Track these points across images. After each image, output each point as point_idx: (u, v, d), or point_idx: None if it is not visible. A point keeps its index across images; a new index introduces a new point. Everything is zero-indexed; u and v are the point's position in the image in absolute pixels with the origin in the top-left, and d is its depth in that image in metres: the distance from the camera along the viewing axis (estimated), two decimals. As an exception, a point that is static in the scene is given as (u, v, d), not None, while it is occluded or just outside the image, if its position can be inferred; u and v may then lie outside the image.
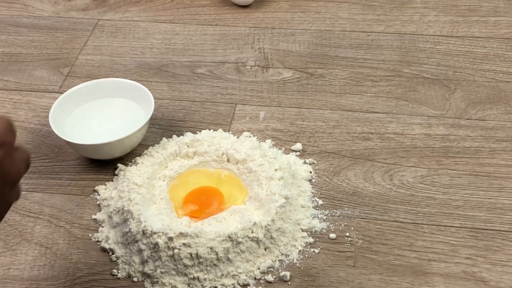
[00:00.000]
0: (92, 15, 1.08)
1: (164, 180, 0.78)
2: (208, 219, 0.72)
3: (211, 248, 0.68)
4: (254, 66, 0.97)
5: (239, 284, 0.69)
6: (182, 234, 0.69)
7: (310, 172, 0.80)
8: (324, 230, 0.74)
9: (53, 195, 0.80)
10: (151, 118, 0.81)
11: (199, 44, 1.02)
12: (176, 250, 0.68)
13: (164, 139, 0.83)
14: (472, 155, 0.82)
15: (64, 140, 0.79)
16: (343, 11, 1.07)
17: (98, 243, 0.74)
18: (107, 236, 0.74)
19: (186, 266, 0.68)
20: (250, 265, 0.70)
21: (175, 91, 0.94)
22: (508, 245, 0.71)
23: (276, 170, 0.77)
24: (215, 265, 0.69)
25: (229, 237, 0.69)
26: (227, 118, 0.88)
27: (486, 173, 0.79)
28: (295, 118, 0.88)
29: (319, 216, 0.75)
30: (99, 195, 0.79)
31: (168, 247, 0.69)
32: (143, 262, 0.70)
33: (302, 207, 0.75)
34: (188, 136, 0.82)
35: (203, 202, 0.75)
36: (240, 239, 0.69)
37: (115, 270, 0.71)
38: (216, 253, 0.68)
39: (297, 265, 0.70)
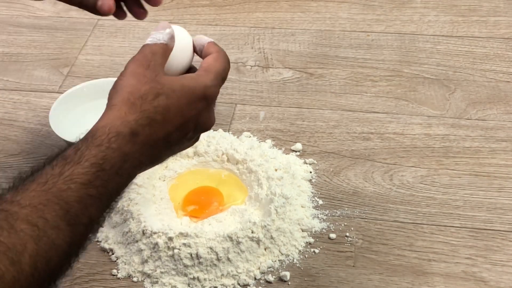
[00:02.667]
0: (92, 15, 1.08)
1: (164, 180, 0.78)
2: (208, 219, 0.72)
3: (211, 248, 0.68)
4: (254, 66, 0.97)
5: (239, 284, 0.69)
6: (182, 234, 0.69)
7: (310, 172, 0.80)
8: (324, 230, 0.74)
9: (53, 195, 0.79)
10: (151, 118, 0.81)
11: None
12: (176, 250, 0.68)
13: (164, 139, 0.83)
14: (472, 155, 0.82)
15: (64, 140, 0.79)
16: (343, 11, 1.07)
17: (98, 243, 0.74)
18: (107, 236, 0.74)
19: (186, 266, 0.68)
20: (250, 265, 0.70)
21: (175, 91, 0.93)
22: (508, 245, 0.71)
23: (276, 170, 0.77)
24: (215, 265, 0.69)
25: (229, 237, 0.69)
26: (227, 118, 0.88)
27: (486, 173, 0.79)
28: (295, 118, 0.88)
29: (319, 216, 0.75)
30: (99, 195, 0.79)
31: (168, 247, 0.69)
32: (143, 262, 0.70)
33: (302, 207, 0.75)
34: (188, 136, 0.82)
35: (203, 202, 0.75)
36: (240, 239, 0.69)
37: (115, 270, 0.71)
38: (216, 253, 0.68)
39: (297, 265, 0.70)
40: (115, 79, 0.87)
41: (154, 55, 0.57)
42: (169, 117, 0.54)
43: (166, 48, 0.59)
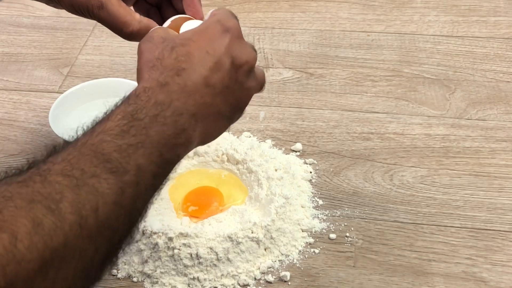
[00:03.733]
0: (92, 15, 1.08)
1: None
2: (208, 219, 0.72)
3: (211, 248, 0.68)
4: (254, 66, 0.97)
5: (239, 284, 0.69)
6: (182, 234, 0.69)
7: (310, 172, 0.80)
8: (324, 230, 0.74)
9: (53, 195, 0.79)
10: (151, 118, 0.81)
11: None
12: (176, 250, 0.68)
13: (164, 139, 0.83)
14: (472, 155, 0.82)
15: (64, 140, 0.79)
16: (343, 11, 1.07)
17: (98, 243, 0.74)
18: (107, 236, 0.74)
19: (186, 266, 0.68)
20: (250, 265, 0.70)
21: (175, 91, 0.93)
22: (508, 246, 0.71)
23: (276, 170, 0.77)
24: (215, 265, 0.68)
25: (229, 237, 0.69)
26: (227, 118, 0.88)
27: (486, 173, 0.79)
28: (295, 118, 0.88)
29: (319, 216, 0.75)
30: (99, 195, 0.78)
31: (168, 247, 0.69)
32: (143, 262, 0.70)
33: (302, 207, 0.75)
34: (188, 136, 0.82)
35: (203, 202, 0.75)
36: (240, 239, 0.69)
37: (115, 270, 0.71)
38: (216, 253, 0.68)
39: (297, 265, 0.70)
40: (115, 79, 0.88)
41: (151, 31, 0.56)
42: (196, 61, 0.52)
43: (156, 23, 0.58)
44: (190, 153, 0.80)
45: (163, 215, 0.73)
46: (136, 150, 0.47)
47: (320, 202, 0.77)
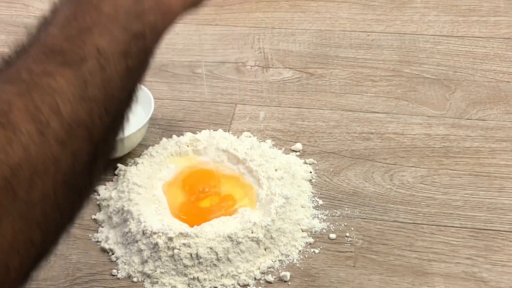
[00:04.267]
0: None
1: (163, 181, 0.78)
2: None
3: (211, 248, 0.68)
4: (254, 66, 0.97)
5: (239, 284, 0.69)
6: (182, 234, 0.69)
7: (310, 172, 0.80)
8: (324, 230, 0.74)
9: (53, 195, 0.79)
10: (151, 118, 0.81)
11: (199, 44, 1.02)
12: (176, 250, 0.68)
13: (164, 139, 0.83)
14: (472, 155, 0.82)
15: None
16: (343, 11, 1.07)
17: (98, 243, 0.74)
18: (107, 236, 0.74)
19: (186, 266, 0.68)
20: (250, 265, 0.70)
21: (175, 91, 0.93)
22: (508, 246, 0.71)
23: (276, 170, 0.77)
24: (215, 265, 0.68)
25: (229, 237, 0.69)
26: (227, 118, 0.88)
27: (486, 173, 0.79)
28: (295, 118, 0.88)
29: (319, 216, 0.75)
30: (99, 195, 0.79)
31: (168, 247, 0.69)
32: (143, 262, 0.70)
33: (302, 207, 0.75)
34: (188, 136, 0.82)
35: (202, 211, 0.75)
36: (240, 239, 0.69)
37: (115, 270, 0.71)
38: (216, 253, 0.68)
39: (297, 265, 0.70)
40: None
41: None
42: None
43: None
44: (190, 152, 0.80)
45: (163, 215, 0.73)
46: (90, 33, 0.40)
47: (320, 202, 0.77)
